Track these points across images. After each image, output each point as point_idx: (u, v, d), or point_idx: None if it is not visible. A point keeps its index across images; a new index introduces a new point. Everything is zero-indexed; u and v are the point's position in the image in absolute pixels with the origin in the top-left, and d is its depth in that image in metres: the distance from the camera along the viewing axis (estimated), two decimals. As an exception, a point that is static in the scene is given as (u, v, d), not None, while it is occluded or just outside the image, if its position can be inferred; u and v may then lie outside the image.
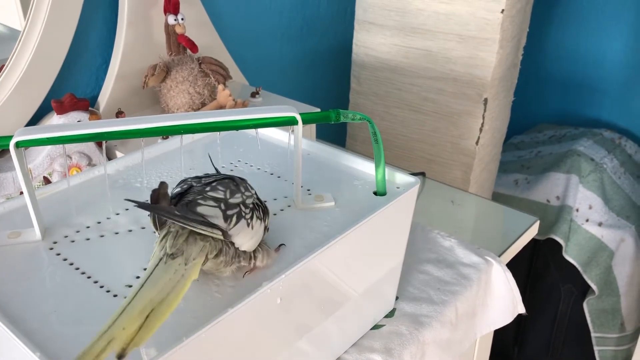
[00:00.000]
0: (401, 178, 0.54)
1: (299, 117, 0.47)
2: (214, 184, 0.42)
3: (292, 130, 0.49)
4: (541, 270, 1.37)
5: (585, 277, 1.30)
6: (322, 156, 0.58)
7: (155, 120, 0.43)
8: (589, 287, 1.33)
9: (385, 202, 0.49)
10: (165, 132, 0.43)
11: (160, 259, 0.38)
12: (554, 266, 1.35)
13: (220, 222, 0.40)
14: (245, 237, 0.42)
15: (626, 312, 1.37)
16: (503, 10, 1.05)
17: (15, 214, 0.49)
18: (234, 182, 0.43)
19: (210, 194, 0.41)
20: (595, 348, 1.38)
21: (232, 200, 0.42)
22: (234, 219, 0.41)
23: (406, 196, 0.51)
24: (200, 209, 0.40)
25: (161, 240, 0.40)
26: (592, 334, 1.37)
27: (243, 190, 0.43)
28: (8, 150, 0.42)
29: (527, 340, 1.45)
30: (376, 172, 0.51)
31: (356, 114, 0.48)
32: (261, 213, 0.44)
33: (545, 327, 1.41)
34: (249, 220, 0.42)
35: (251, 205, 0.43)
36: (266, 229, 0.45)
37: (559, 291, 1.37)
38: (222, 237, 0.40)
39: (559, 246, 1.30)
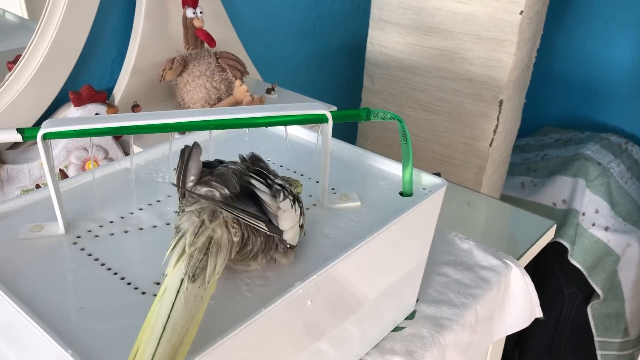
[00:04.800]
0: (427, 179, 0.53)
1: (329, 115, 0.46)
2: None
3: (320, 129, 0.48)
4: (546, 273, 1.37)
5: (590, 281, 1.30)
6: (346, 155, 0.58)
7: (187, 115, 0.42)
8: (593, 291, 1.33)
9: (413, 203, 0.49)
10: (198, 127, 0.42)
11: (180, 285, 0.34)
12: (558, 270, 1.34)
13: (266, 197, 0.38)
14: (290, 221, 0.39)
15: (630, 317, 1.37)
16: (522, 12, 1.04)
17: (36, 206, 0.48)
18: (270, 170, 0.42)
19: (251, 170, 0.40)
20: (598, 352, 1.37)
21: (276, 180, 0.41)
22: (281, 194, 0.39)
23: (434, 197, 0.51)
24: (245, 178, 0.39)
25: (175, 245, 0.36)
26: (595, 339, 1.36)
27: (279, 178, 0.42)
28: (22, 142, 0.42)
29: (528, 344, 1.45)
30: (403, 172, 0.50)
31: (387, 113, 0.48)
32: (297, 203, 0.42)
33: (548, 330, 1.41)
34: (292, 202, 0.40)
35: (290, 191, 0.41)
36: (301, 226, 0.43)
37: (563, 295, 1.36)
38: (266, 228, 0.38)
39: (565, 250, 1.29)
